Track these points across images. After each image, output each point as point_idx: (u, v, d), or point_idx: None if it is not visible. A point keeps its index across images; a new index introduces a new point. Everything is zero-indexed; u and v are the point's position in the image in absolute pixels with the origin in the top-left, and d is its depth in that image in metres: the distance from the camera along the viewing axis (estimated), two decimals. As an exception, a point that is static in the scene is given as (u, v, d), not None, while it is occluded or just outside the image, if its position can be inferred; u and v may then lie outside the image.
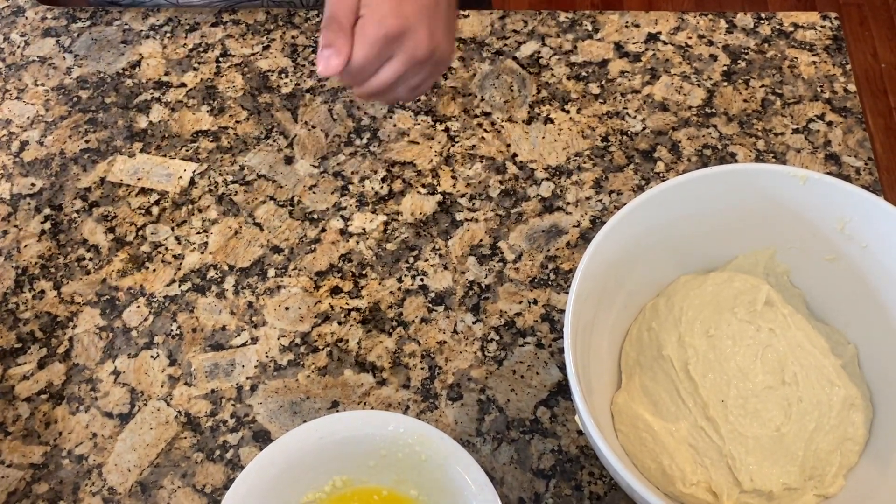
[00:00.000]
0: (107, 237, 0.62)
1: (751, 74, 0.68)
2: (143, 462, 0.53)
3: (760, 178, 0.50)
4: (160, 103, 0.68)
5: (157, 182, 0.65)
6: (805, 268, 0.53)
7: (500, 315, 0.57)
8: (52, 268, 0.61)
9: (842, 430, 0.48)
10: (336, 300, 0.58)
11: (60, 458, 0.53)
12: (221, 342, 0.57)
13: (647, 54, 0.69)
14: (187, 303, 0.59)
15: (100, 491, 0.52)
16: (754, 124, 0.65)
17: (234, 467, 0.53)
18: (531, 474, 0.52)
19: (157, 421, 0.54)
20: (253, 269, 0.60)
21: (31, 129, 0.68)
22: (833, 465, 0.47)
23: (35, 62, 0.71)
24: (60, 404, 0.55)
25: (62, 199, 0.64)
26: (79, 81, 0.70)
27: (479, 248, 0.60)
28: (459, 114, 0.67)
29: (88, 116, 0.68)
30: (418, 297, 0.58)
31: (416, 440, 0.46)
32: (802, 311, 0.53)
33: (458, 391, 0.55)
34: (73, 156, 0.66)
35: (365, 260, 0.60)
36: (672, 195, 0.50)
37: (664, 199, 0.50)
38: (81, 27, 0.73)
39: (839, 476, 0.48)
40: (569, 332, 0.44)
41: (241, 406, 0.55)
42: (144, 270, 0.60)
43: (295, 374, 0.56)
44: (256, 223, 0.62)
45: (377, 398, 0.55)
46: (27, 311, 0.59)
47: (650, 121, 0.66)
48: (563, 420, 0.53)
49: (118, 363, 0.57)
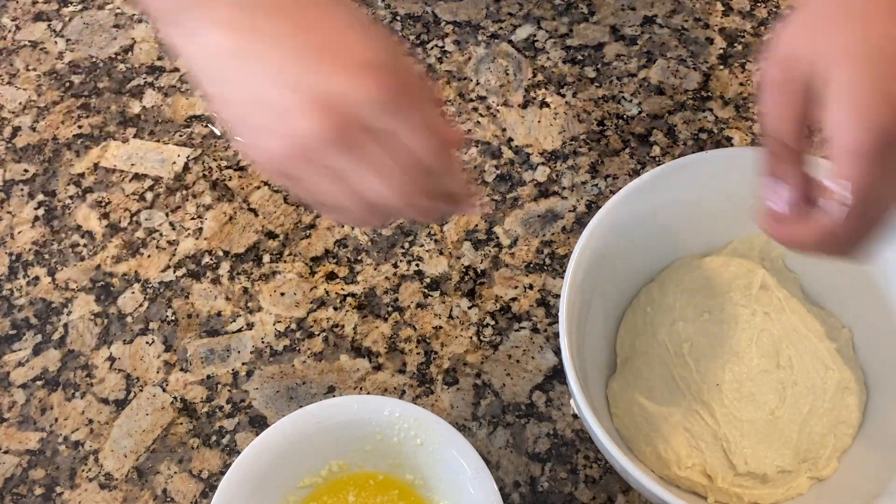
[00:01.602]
0: (101, 223, 0.62)
1: (747, 58, 0.67)
2: (139, 448, 0.53)
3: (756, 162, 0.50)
4: (153, 88, 0.68)
5: (151, 167, 0.64)
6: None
7: (496, 300, 0.57)
8: (47, 254, 0.61)
9: (836, 413, 0.49)
10: (331, 286, 0.58)
11: (57, 444, 0.53)
12: (217, 328, 0.57)
13: (643, 37, 0.69)
14: (182, 289, 0.59)
15: (96, 476, 0.52)
16: (750, 108, 0.65)
17: (230, 453, 0.53)
18: (527, 458, 0.52)
19: (153, 407, 0.54)
20: (248, 255, 0.60)
21: (23, 114, 0.67)
22: (827, 447, 0.48)
23: (26, 47, 0.71)
24: (56, 390, 0.55)
25: (55, 185, 0.64)
26: (71, 66, 0.69)
27: (474, 233, 0.60)
28: (454, 98, 0.66)
29: (81, 101, 0.68)
30: (414, 282, 0.58)
31: (412, 425, 0.46)
32: (797, 295, 0.53)
33: (453, 376, 0.55)
34: (66, 141, 0.66)
35: (360, 245, 0.60)
36: (667, 179, 0.50)
37: (659, 183, 0.49)
38: (73, 11, 0.72)
39: (833, 459, 0.48)
40: (564, 316, 0.44)
41: (237, 391, 0.55)
42: (139, 256, 0.60)
43: (291, 360, 0.56)
44: (251, 209, 0.62)
45: (373, 383, 0.55)
46: (21, 297, 0.59)
47: (646, 104, 0.65)
48: (558, 404, 0.53)
49: (113, 349, 0.57)
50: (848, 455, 0.48)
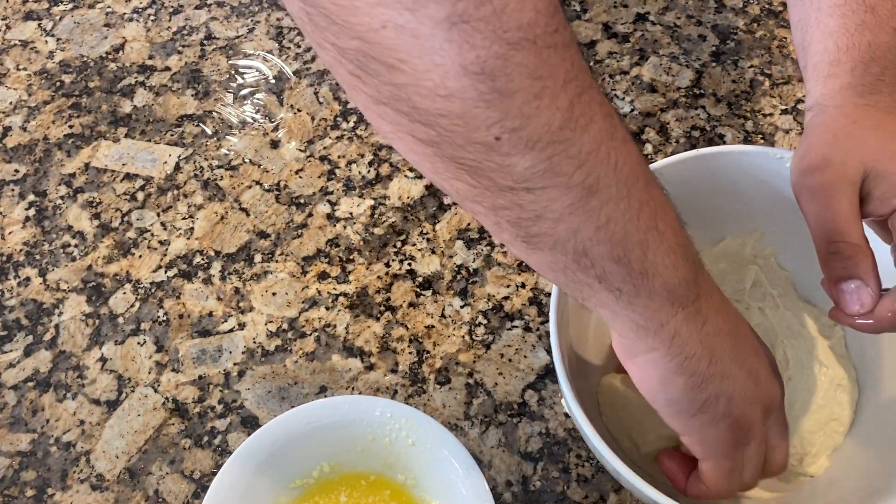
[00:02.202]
0: (92, 223, 0.62)
1: (740, 55, 0.67)
2: (131, 449, 0.53)
3: (748, 160, 0.50)
4: (144, 87, 0.68)
5: (142, 167, 0.64)
6: (792, 248, 0.53)
7: (488, 299, 0.57)
8: (38, 255, 0.60)
9: (828, 410, 0.49)
10: (323, 285, 0.58)
11: (48, 445, 0.53)
12: (208, 328, 0.57)
13: (635, 35, 0.69)
14: (174, 289, 0.59)
15: (88, 478, 0.52)
16: (743, 105, 0.65)
17: (222, 453, 0.53)
18: (519, 457, 0.52)
19: (145, 407, 0.54)
20: (239, 255, 0.60)
21: (13, 114, 0.67)
22: (815, 445, 0.48)
23: (17, 46, 0.70)
24: (47, 392, 0.55)
25: (46, 186, 0.63)
26: (62, 66, 0.69)
27: (466, 231, 0.60)
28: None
29: (72, 101, 0.67)
30: (406, 281, 0.58)
31: (404, 425, 0.46)
32: (790, 293, 0.53)
33: (445, 375, 0.55)
34: (57, 141, 0.65)
35: (352, 245, 0.60)
36: (659, 176, 0.49)
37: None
38: (63, 10, 0.72)
39: (822, 456, 0.48)
40: (554, 315, 0.44)
41: (229, 392, 0.55)
42: (130, 256, 0.60)
43: (282, 360, 0.56)
44: (243, 208, 0.62)
45: (365, 383, 0.55)
46: (12, 298, 0.59)
47: (638, 102, 0.65)
48: (550, 403, 0.53)
49: (105, 350, 0.56)
50: (839, 453, 0.48)
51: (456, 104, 0.27)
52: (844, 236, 0.37)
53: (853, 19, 0.42)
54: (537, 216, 0.30)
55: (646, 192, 0.32)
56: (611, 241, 0.31)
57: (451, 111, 0.27)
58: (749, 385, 0.37)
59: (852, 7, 0.42)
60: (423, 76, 0.27)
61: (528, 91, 0.27)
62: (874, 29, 0.41)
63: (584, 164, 0.29)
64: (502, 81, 0.27)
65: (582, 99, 0.29)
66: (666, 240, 0.33)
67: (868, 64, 0.41)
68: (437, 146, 0.29)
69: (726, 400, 0.36)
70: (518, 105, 0.27)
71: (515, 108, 0.27)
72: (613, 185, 0.30)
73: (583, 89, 0.29)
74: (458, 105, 0.27)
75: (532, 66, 0.27)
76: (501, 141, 0.28)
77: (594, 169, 0.30)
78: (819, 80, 0.42)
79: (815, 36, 0.43)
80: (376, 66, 0.28)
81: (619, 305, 0.34)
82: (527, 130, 0.28)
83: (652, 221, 0.32)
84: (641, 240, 0.32)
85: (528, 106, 0.27)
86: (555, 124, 0.28)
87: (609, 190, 0.30)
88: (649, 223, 0.32)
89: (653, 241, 0.32)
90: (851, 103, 0.40)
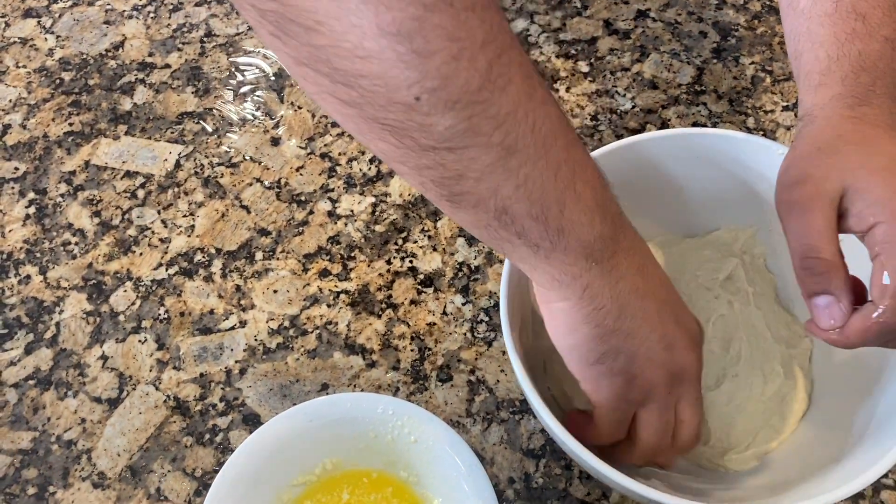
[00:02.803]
0: (92, 221, 0.61)
1: (741, 51, 0.67)
2: (132, 446, 0.53)
3: (745, 149, 0.49)
4: (144, 85, 0.68)
5: (143, 165, 0.64)
6: (782, 253, 0.53)
7: (490, 296, 0.57)
8: (38, 252, 0.60)
9: (766, 417, 0.48)
10: (325, 283, 0.58)
11: (49, 443, 0.53)
12: (210, 326, 0.57)
13: (636, 31, 0.68)
14: (175, 286, 0.58)
15: (89, 476, 0.52)
16: (744, 101, 0.65)
17: (223, 451, 0.52)
18: (521, 454, 0.52)
19: (146, 405, 0.54)
20: (240, 252, 0.60)
21: (13, 112, 0.67)
22: (743, 444, 0.48)
23: (16, 43, 0.70)
24: (48, 390, 0.55)
25: (46, 183, 0.63)
26: (61, 63, 0.69)
27: (468, 228, 0.60)
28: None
29: (72, 99, 0.67)
30: (407, 278, 0.58)
31: (406, 422, 0.46)
32: (769, 295, 0.52)
33: (447, 372, 0.55)
34: (57, 139, 0.65)
35: (353, 242, 0.60)
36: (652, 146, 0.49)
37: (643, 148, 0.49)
38: (63, 7, 0.72)
39: (749, 456, 0.48)
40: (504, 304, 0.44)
41: (231, 390, 0.54)
42: (131, 254, 0.60)
43: (284, 357, 0.55)
44: (243, 206, 0.62)
45: (367, 380, 0.54)
46: (13, 296, 0.58)
47: (640, 99, 0.65)
48: (552, 400, 0.53)
49: (106, 348, 0.56)
50: (770, 457, 0.48)
51: (375, 65, 0.28)
52: (818, 252, 0.37)
53: (843, 28, 0.42)
54: (459, 175, 0.31)
55: (564, 152, 0.33)
56: (529, 200, 0.32)
57: (371, 72, 0.28)
58: (657, 349, 0.38)
59: (843, 16, 0.42)
60: (341, 38, 0.27)
61: (446, 52, 0.28)
62: (864, 38, 0.41)
63: (503, 125, 0.30)
64: (419, 42, 0.27)
65: (501, 60, 0.29)
66: (583, 199, 0.34)
67: (858, 73, 0.41)
68: (359, 107, 0.30)
69: (627, 356, 0.38)
70: (436, 66, 0.28)
71: (434, 68, 0.28)
72: (531, 146, 0.31)
73: (502, 50, 0.29)
74: (377, 66, 0.28)
75: (449, 28, 0.28)
76: (421, 101, 0.29)
77: (513, 129, 0.31)
78: (810, 90, 0.42)
79: (806, 45, 0.43)
80: (295, 28, 0.28)
81: (538, 259, 0.35)
82: (446, 91, 0.28)
83: (570, 181, 0.33)
84: (558, 198, 0.33)
85: (447, 66, 0.28)
86: (473, 85, 0.29)
87: (527, 150, 0.31)
88: (567, 183, 0.33)
89: (570, 199, 0.33)
90: (839, 115, 0.40)
